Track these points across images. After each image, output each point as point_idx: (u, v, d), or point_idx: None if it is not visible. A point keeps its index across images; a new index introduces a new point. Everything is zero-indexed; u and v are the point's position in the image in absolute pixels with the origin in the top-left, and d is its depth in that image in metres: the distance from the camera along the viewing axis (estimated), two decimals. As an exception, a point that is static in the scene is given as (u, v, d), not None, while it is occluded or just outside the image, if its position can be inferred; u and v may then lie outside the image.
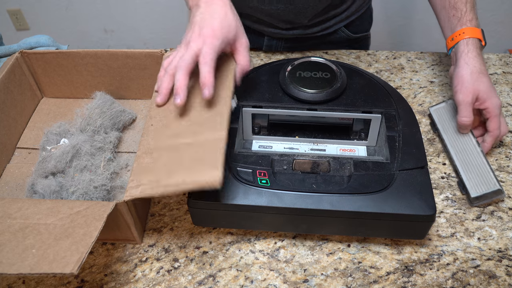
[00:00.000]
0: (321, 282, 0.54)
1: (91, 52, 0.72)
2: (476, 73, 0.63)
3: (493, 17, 1.93)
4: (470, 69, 0.63)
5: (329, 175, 0.55)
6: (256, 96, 0.63)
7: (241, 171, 0.55)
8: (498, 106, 0.62)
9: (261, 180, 0.54)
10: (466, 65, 0.64)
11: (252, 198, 0.52)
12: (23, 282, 0.55)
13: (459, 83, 0.64)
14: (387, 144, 0.58)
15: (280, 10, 0.80)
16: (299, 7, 0.79)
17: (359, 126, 0.64)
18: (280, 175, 0.55)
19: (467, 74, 0.63)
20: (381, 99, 0.63)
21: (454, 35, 0.67)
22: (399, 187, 0.53)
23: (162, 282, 0.55)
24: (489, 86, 0.63)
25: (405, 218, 0.51)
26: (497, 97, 0.63)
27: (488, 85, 0.63)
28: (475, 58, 0.64)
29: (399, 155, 0.56)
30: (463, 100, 0.63)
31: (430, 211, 0.51)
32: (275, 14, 0.81)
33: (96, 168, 0.60)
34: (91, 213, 0.48)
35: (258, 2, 0.80)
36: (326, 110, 0.61)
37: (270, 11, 0.80)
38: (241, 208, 0.53)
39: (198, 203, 0.53)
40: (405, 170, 0.55)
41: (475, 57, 0.64)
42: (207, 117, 0.53)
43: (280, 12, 0.80)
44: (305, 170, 0.56)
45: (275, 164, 0.57)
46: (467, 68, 0.63)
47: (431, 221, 0.52)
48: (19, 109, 0.72)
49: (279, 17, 0.81)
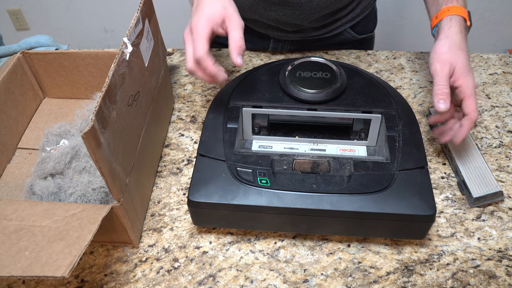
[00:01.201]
0: (321, 282, 0.54)
1: (92, 53, 0.72)
2: (455, 47, 0.60)
3: (493, 17, 1.93)
4: (449, 43, 0.60)
5: (329, 175, 0.55)
6: (256, 96, 0.63)
7: (241, 171, 0.55)
8: (474, 86, 0.59)
9: (261, 180, 0.54)
10: (446, 39, 0.61)
11: (252, 198, 0.53)
12: (23, 282, 0.55)
13: (435, 54, 0.60)
14: (387, 144, 0.58)
15: (287, 16, 0.80)
16: (306, 12, 0.79)
17: (359, 126, 0.64)
18: (280, 175, 0.55)
19: (445, 46, 0.60)
20: (381, 99, 0.63)
21: (439, 13, 0.64)
22: (399, 187, 0.53)
23: (162, 282, 0.55)
24: (467, 63, 0.59)
25: (405, 218, 0.51)
26: (473, 77, 0.59)
27: (466, 62, 0.59)
28: (456, 34, 0.61)
29: (399, 155, 0.56)
30: (441, 70, 0.58)
31: (430, 211, 0.51)
32: (282, 19, 0.81)
33: (95, 170, 0.60)
34: (86, 216, 0.48)
35: (264, 9, 0.80)
36: (326, 110, 0.61)
37: (277, 16, 0.80)
38: (241, 208, 0.53)
39: (198, 203, 0.53)
40: (405, 170, 0.55)
41: (457, 33, 0.61)
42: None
43: (287, 17, 0.80)
44: (305, 170, 0.56)
45: (275, 164, 0.57)
46: (446, 42, 0.60)
47: (431, 221, 0.52)
48: (20, 109, 0.72)
49: (286, 22, 0.81)
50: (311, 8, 0.78)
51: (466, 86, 0.58)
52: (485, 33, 2.03)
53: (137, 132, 0.58)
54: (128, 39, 0.54)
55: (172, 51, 0.85)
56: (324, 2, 0.77)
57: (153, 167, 0.67)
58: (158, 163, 0.69)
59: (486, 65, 0.85)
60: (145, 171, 0.62)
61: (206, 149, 0.58)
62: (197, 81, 0.84)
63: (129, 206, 0.54)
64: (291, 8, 0.78)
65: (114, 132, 0.49)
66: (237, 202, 0.53)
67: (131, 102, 0.55)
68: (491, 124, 0.73)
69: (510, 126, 0.73)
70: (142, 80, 0.59)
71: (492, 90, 0.80)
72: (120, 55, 0.52)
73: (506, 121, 0.74)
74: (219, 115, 0.62)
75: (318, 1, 0.77)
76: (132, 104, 0.56)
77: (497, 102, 0.77)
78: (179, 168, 0.68)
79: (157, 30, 0.66)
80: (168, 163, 0.69)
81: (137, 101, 0.58)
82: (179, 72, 0.86)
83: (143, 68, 0.60)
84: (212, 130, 0.60)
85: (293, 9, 0.78)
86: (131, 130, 0.56)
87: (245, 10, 0.82)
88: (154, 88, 0.66)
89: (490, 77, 0.82)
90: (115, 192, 0.51)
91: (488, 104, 0.77)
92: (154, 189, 0.66)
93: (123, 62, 0.52)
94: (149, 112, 0.63)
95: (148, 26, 0.62)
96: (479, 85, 0.58)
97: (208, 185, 0.54)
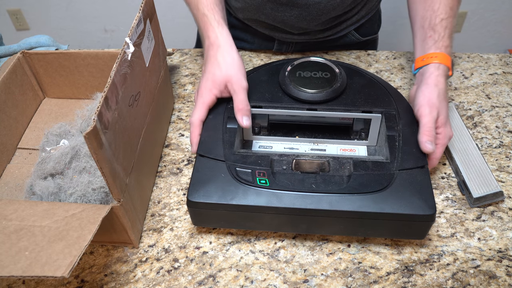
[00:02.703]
0: (321, 282, 0.54)
1: (92, 53, 0.72)
2: (443, 97, 0.61)
3: (493, 17, 1.93)
4: (438, 91, 0.61)
5: (328, 175, 0.55)
6: (256, 96, 0.63)
7: (240, 171, 0.55)
8: (450, 137, 0.61)
9: (260, 180, 0.54)
10: (435, 87, 0.61)
11: (251, 198, 0.53)
12: (23, 282, 0.55)
13: (425, 98, 0.61)
14: (387, 143, 0.58)
15: (293, 17, 0.80)
16: (313, 14, 0.79)
17: (359, 126, 0.64)
18: (279, 175, 0.55)
19: (435, 93, 0.61)
20: (381, 98, 0.63)
21: (426, 56, 0.65)
22: (399, 187, 0.53)
23: (162, 282, 0.55)
24: (447, 114, 0.62)
25: (405, 218, 0.51)
26: (451, 128, 0.61)
27: (447, 113, 0.62)
28: (444, 84, 0.62)
29: (399, 154, 0.56)
30: (430, 113, 0.59)
31: (430, 211, 0.51)
32: (288, 20, 0.81)
33: (95, 170, 0.60)
34: (86, 216, 0.48)
35: (272, 9, 0.79)
36: (326, 110, 0.61)
37: (284, 17, 0.80)
38: (240, 208, 0.53)
39: (197, 203, 0.53)
40: (405, 170, 0.55)
41: (444, 83, 0.63)
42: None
43: (293, 19, 0.80)
44: (304, 170, 0.56)
45: (275, 164, 0.57)
46: (436, 89, 0.61)
47: (431, 220, 0.52)
48: (20, 109, 0.72)
49: (292, 24, 0.81)
50: (318, 10, 0.78)
51: (443, 136, 0.60)
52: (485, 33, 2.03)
53: (138, 132, 0.58)
54: (130, 39, 0.54)
55: (172, 51, 0.85)
56: (331, 4, 0.77)
57: (153, 167, 0.67)
58: (158, 163, 0.69)
59: (486, 65, 0.85)
60: (145, 171, 0.62)
61: (205, 149, 0.58)
62: (197, 81, 0.84)
63: (129, 206, 0.54)
64: (298, 10, 0.78)
65: (116, 132, 0.49)
66: (236, 202, 0.52)
67: (132, 102, 0.55)
68: (491, 124, 0.73)
69: (510, 126, 0.73)
70: (143, 80, 0.60)
71: (492, 90, 0.80)
72: (122, 55, 0.52)
73: (506, 121, 0.74)
74: (218, 115, 0.62)
75: (326, 3, 0.77)
76: (133, 104, 0.56)
77: (497, 102, 0.77)
78: (179, 168, 0.68)
79: (157, 30, 0.66)
80: (168, 163, 0.69)
81: (137, 101, 0.58)
82: (179, 72, 0.87)
83: (144, 68, 0.60)
84: (212, 131, 0.60)
85: (300, 10, 0.78)
86: (132, 130, 0.56)
87: (251, 10, 0.81)
88: (155, 88, 0.66)
89: (490, 77, 0.82)
90: (115, 192, 0.51)
91: (488, 104, 0.77)
92: (154, 189, 0.66)
93: (125, 62, 0.52)
94: (149, 112, 0.63)
95: (149, 26, 0.62)
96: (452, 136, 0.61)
97: (207, 185, 0.54)
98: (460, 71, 0.84)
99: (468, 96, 0.79)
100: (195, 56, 0.90)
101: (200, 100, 0.62)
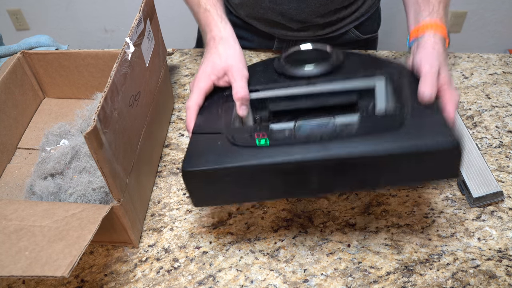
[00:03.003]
0: (321, 282, 0.54)
1: (92, 53, 0.72)
2: (442, 58, 0.58)
3: (493, 17, 1.94)
4: (437, 53, 0.58)
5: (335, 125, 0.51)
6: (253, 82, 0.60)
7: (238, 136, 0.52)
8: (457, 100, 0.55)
9: (260, 140, 0.50)
10: (433, 49, 0.58)
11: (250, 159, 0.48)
12: (23, 282, 0.55)
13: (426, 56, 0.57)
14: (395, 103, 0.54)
15: (292, 10, 0.80)
16: (312, 6, 0.79)
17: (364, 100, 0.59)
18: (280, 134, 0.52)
19: (434, 56, 0.57)
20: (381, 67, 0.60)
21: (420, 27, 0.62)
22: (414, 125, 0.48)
23: (162, 282, 0.55)
24: (451, 76, 0.57)
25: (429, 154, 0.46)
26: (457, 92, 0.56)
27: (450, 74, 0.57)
28: (443, 48, 0.59)
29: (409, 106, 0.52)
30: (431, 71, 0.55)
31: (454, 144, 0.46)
32: (287, 13, 0.80)
33: (95, 170, 0.60)
34: (86, 216, 0.48)
35: (270, 2, 0.80)
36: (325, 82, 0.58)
37: (282, 10, 0.80)
38: (240, 171, 0.49)
39: (193, 172, 0.50)
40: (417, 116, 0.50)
41: (442, 47, 0.59)
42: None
43: (292, 11, 0.80)
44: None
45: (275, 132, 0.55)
46: (435, 52, 0.58)
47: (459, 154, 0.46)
48: (20, 109, 0.72)
49: (291, 17, 0.81)
50: (316, 2, 0.78)
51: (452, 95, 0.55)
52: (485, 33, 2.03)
53: (138, 132, 0.58)
54: (130, 39, 0.54)
55: (172, 51, 0.85)
56: None
57: (153, 167, 0.67)
58: (158, 163, 0.69)
59: (486, 65, 0.85)
60: (145, 171, 0.62)
61: (201, 128, 0.55)
62: (197, 81, 0.84)
63: (129, 206, 0.54)
64: (297, 2, 0.78)
65: (116, 132, 0.49)
66: (234, 164, 0.48)
67: (132, 102, 0.56)
68: (491, 124, 0.73)
69: (510, 126, 0.73)
70: (143, 80, 0.60)
71: (492, 90, 0.80)
72: (122, 55, 0.52)
73: (506, 121, 0.74)
74: (215, 102, 0.60)
75: None
76: (133, 104, 0.56)
77: (497, 102, 0.77)
78: (179, 168, 0.68)
79: (157, 30, 0.67)
80: (168, 163, 0.69)
81: (137, 101, 0.58)
82: (179, 72, 0.87)
83: (144, 68, 0.60)
84: (208, 113, 0.58)
85: (298, 2, 0.78)
86: (132, 130, 0.56)
87: (250, 5, 0.81)
88: (154, 88, 0.66)
89: (490, 77, 0.82)
90: (115, 192, 0.51)
91: (488, 104, 0.77)
92: (154, 189, 0.66)
93: (125, 62, 0.53)
94: (149, 112, 0.63)
95: (150, 26, 0.62)
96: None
97: (203, 155, 0.51)
98: (460, 71, 0.84)
99: (468, 96, 0.79)
100: (195, 56, 0.90)
101: (196, 86, 0.59)
